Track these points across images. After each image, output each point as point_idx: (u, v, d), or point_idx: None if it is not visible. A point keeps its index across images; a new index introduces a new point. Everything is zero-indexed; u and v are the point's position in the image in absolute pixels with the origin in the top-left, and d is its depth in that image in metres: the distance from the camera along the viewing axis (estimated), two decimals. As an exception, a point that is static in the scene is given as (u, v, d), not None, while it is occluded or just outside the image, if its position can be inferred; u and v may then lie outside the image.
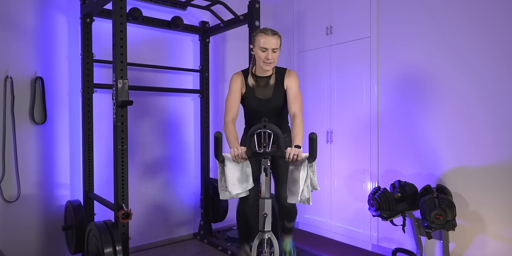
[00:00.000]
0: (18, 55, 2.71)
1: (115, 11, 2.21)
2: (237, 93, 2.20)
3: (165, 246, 3.38)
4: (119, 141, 2.26)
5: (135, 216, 3.18)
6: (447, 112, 2.77)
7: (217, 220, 3.54)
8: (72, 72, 2.94)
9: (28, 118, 2.75)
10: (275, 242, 1.84)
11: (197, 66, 3.63)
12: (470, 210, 2.65)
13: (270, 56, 2.08)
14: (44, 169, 2.83)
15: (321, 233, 3.71)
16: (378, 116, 3.21)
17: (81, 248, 2.66)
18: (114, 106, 2.24)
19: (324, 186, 3.62)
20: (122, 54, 2.23)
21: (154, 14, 3.31)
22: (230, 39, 3.91)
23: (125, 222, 2.25)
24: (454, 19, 2.72)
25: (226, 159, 1.91)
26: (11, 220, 2.68)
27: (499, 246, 2.51)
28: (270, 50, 2.08)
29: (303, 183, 1.88)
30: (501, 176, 2.50)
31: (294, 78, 2.21)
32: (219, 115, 3.82)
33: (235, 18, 3.15)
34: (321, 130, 3.66)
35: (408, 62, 3.01)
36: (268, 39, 2.08)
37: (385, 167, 3.17)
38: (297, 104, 2.14)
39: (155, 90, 3.28)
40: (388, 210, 2.60)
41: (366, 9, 3.27)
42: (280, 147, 1.80)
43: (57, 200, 2.88)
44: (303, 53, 3.90)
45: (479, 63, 2.60)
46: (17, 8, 2.70)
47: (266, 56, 2.09)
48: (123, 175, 2.28)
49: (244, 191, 1.99)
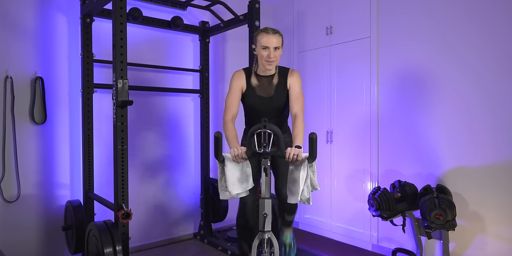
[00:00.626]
0: (18, 55, 2.71)
1: (115, 11, 2.21)
2: (237, 91, 2.19)
3: (165, 246, 3.38)
4: (119, 141, 2.26)
5: (135, 216, 3.18)
6: (447, 112, 2.77)
7: (217, 220, 3.54)
8: (72, 72, 2.94)
9: (28, 118, 2.75)
10: (275, 242, 1.84)
11: (197, 66, 3.63)
12: (470, 210, 2.65)
13: (272, 55, 2.08)
14: (44, 169, 2.83)
15: (321, 233, 3.71)
16: (378, 116, 3.21)
17: (81, 248, 2.66)
18: (114, 106, 2.24)
19: (324, 186, 3.62)
20: (122, 54, 2.23)
21: (154, 14, 3.31)
22: (230, 39, 3.91)
23: (125, 222, 2.25)
24: (454, 19, 2.72)
25: (226, 159, 1.91)
26: (11, 220, 2.68)
27: (499, 246, 2.51)
28: (272, 49, 2.08)
29: (303, 183, 1.88)
30: (501, 176, 2.50)
31: (297, 78, 2.21)
32: (219, 115, 3.82)
33: (235, 18, 3.15)
34: (321, 130, 3.66)
35: (408, 62, 3.01)
36: (269, 37, 2.08)
37: (385, 167, 3.17)
38: (299, 104, 2.14)
39: (155, 90, 3.28)
40: (388, 210, 2.60)
41: (366, 9, 3.27)
42: (280, 147, 1.80)
43: (57, 200, 2.88)
44: (303, 53, 3.90)
45: (479, 63, 2.60)
46: (17, 8, 2.70)
47: (268, 55, 2.08)
48: (123, 175, 2.28)
49: (244, 191, 1.99)
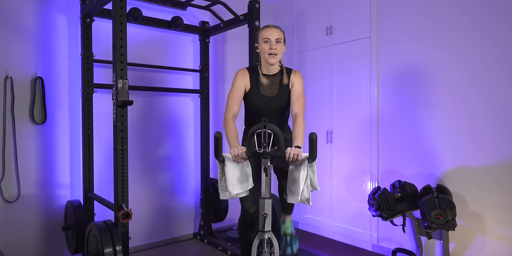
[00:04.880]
0: (18, 55, 2.71)
1: (115, 11, 2.21)
2: (240, 90, 2.17)
3: (165, 246, 3.38)
4: (119, 141, 2.26)
5: (135, 216, 3.18)
6: (447, 112, 2.77)
7: (217, 220, 3.54)
8: (72, 72, 2.94)
9: (28, 118, 2.75)
10: (275, 242, 1.84)
11: (197, 66, 3.63)
12: (470, 210, 2.65)
13: (274, 46, 2.08)
14: (44, 169, 2.83)
15: (321, 233, 3.71)
16: (378, 116, 3.21)
17: (81, 248, 2.66)
18: (114, 106, 2.24)
19: (324, 186, 3.62)
20: (122, 54, 2.23)
21: (154, 14, 3.31)
22: (230, 39, 3.91)
23: (125, 222, 2.25)
24: (454, 19, 2.72)
25: (226, 159, 1.91)
26: (11, 220, 2.68)
27: (499, 246, 2.51)
28: (274, 41, 2.08)
29: (303, 183, 1.88)
30: (501, 176, 2.50)
31: (299, 79, 2.21)
32: (219, 115, 3.82)
33: (235, 18, 3.15)
34: (321, 130, 3.66)
35: (408, 62, 3.01)
36: (270, 31, 2.09)
37: (385, 167, 3.17)
38: (299, 105, 2.13)
39: (155, 90, 3.28)
40: (388, 210, 2.60)
41: (366, 9, 3.27)
42: (280, 147, 1.80)
43: (57, 200, 2.88)
44: (303, 53, 3.89)
45: (479, 63, 2.60)
46: (17, 8, 2.70)
47: (270, 47, 2.08)
48: (123, 175, 2.28)
49: (244, 191, 1.99)
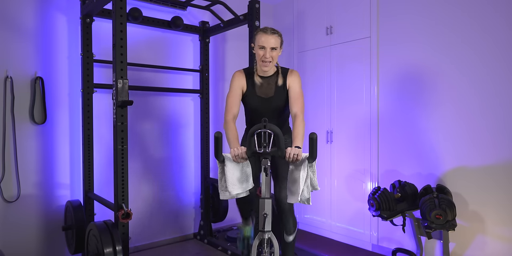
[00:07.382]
0: (18, 55, 2.71)
1: (115, 11, 2.21)
2: (238, 91, 2.18)
3: (165, 246, 3.38)
4: (119, 141, 2.26)
5: (135, 216, 3.18)
6: (447, 112, 2.77)
7: (217, 220, 3.54)
8: (72, 72, 2.94)
9: (28, 118, 2.75)
10: (275, 242, 1.84)
11: (197, 66, 3.63)
12: (470, 210, 2.65)
13: (267, 55, 2.07)
14: (44, 169, 2.83)
15: (321, 233, 3.71)
16: (378, 116, 3.21)
17: (81, 248, 2.66)
18: (114, 106, 2.24)
19: (324, 186, 3.62)
20: (122, 54, 2.23)
21: (154, 14, 3.31)
22: (230, 39, 3.91)
23: (125, 222, 2.25)
24: (454, 19, 2.72)
25: (226, 159, 1.91)
26: (11, 220, 2.68)
27: (499, 246, 2.51)
28: (268, 49, 2.07)
29: (303, 183, 1.88)
30: (501, 176, 2.50)
31: (296, 78, 2.20)
32: (219, 115, 3.82)
33: (235, 18, 3.14)
34: (321, 130, 3.66)
35: (408, 62, 3.01)
36: (267, 38, 2.07)
37: (385, 167, 3.17)
38: (298, 105, 2.13)
39: (155, 90, 3.28)
40: (388, 210, 2.60)
41: (366, 9, 3.27)
42: (280, 147, 1.80)
43: (57, 200, 2.88)
44: (303, 53, 3.89)
45: (479, 63, 2.60)
46: (17, 8, 2.70)
47: (264, 55, 2.08)
48: (123, 175, 2.28)
49: (244, 191, 1.99)
